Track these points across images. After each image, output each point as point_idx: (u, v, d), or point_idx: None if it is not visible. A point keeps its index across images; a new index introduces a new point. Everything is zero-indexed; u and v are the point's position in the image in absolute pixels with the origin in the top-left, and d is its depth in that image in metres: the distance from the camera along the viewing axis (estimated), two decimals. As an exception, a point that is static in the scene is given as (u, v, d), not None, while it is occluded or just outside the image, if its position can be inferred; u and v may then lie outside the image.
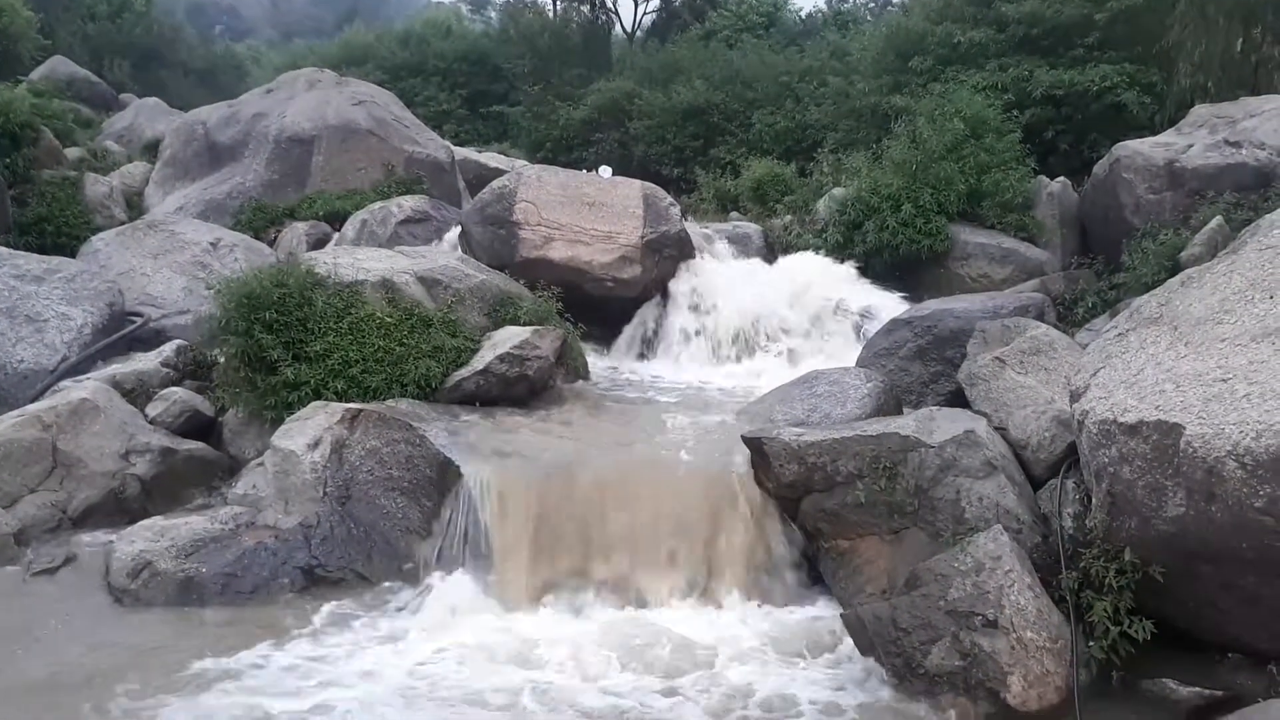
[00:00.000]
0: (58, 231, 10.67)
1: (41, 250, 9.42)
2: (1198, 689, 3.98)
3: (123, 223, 10.93)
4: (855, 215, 10.49)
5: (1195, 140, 8.94)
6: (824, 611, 5.03)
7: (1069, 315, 8.38)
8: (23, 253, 8.56)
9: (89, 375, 7.36)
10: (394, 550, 5.46)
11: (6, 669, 4.34)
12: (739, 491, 5.39)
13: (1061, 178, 10.89)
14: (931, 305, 7.59)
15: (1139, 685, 4.09)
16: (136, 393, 6.96)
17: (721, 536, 5.28)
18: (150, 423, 6.65)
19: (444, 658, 4.53)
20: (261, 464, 6.03)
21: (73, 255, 9.39)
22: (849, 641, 4.52)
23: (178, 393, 6.94)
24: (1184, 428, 3.85)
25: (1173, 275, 5.28)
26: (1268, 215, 5.38)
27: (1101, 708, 3.98)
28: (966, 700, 4.04)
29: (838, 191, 11.22)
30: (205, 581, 5.14)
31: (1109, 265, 8.94)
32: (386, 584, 5.31)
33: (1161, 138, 9.37)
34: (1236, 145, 8.63)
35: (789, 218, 11.77)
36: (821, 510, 5.23)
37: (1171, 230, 7.93)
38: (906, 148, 10.79)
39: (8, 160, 10.72)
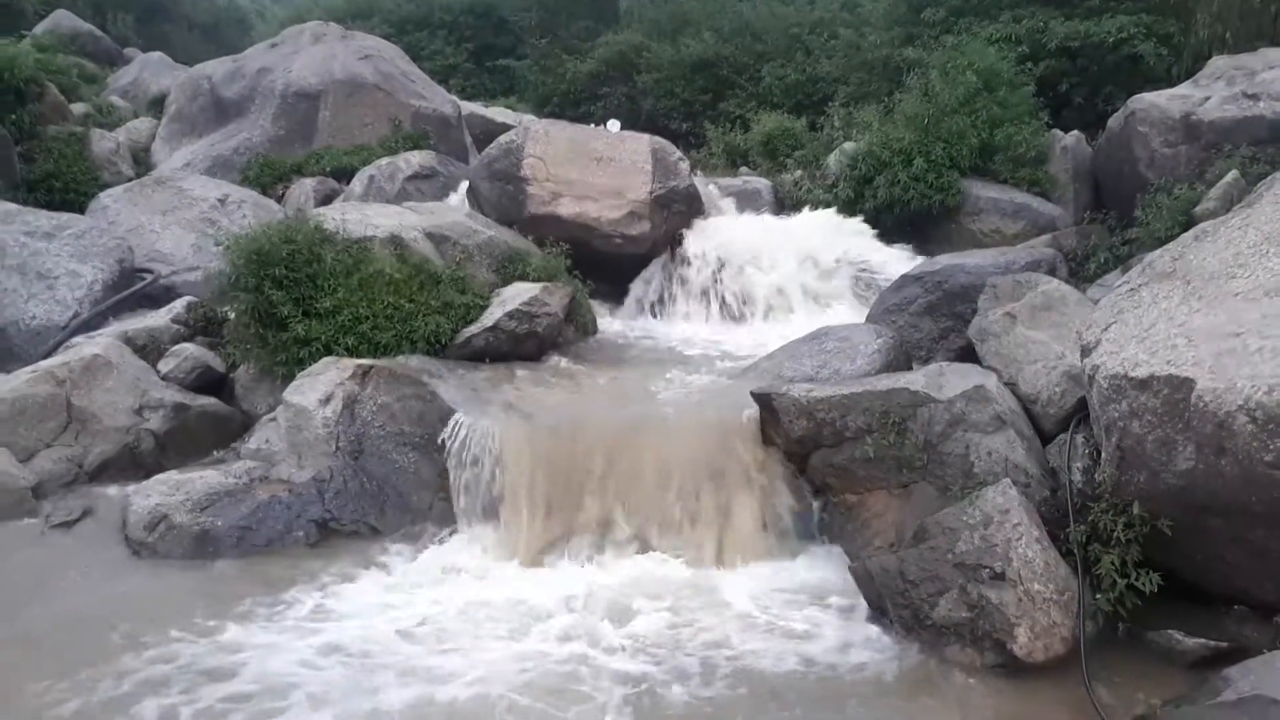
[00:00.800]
0: (65, 188, 10.65)
1: (50, 207, 9.41)
2: (1203, 640, 4.01)
3: (130, 179, 10.90)
4: (866, 170, 10.39)
5: (1212, 93, 8.81)
6: (831, 565, 5.07)
7: (1081, 271, 8.32)
8: (32, 209, 8.56)
9: (101, 331, 7.39)
10: (407, 504, 5.52)
11: (29, 617, 4.42)
12: (747, 447, 5.42)
13: (1075, 131, 10.75)
14: (942, 261, 7.54)
15: (1144, 637, 4.13)
16: (148, 349, 7.00)
17: (729, 491, 5.32)
18: (162, 379, 6.70)
19: (453, 607, 4.59)
20: (274, 419, 6.07)
21: (81, 212, 9.39)
22: (856, 593, 4.58)
23: (189, 349, 6.97)
24: (1195, 382, 3.84)
25: (1187, 230, 5.24)
26: (1285, 168, 5.32)
27: (1107, 658, 4.03)
28: (973, 651, 4.09)
29: (848, 146, 11.11)
30: (220, 534, 5.21)
31: (1122, 220, 8.86)
32: (400, 536, 5.38)
33: (1178, 90, 9.23)
34: (1254, 98, 8.50)
35: (799, 173, 11.67)
36: (830, 465, 5.25)
37: (1186, 184, 7.84)
38: (918, 101, 10.66)
39: (13, 116, 10.66)
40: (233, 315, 7.04)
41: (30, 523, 5.45)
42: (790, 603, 4.68)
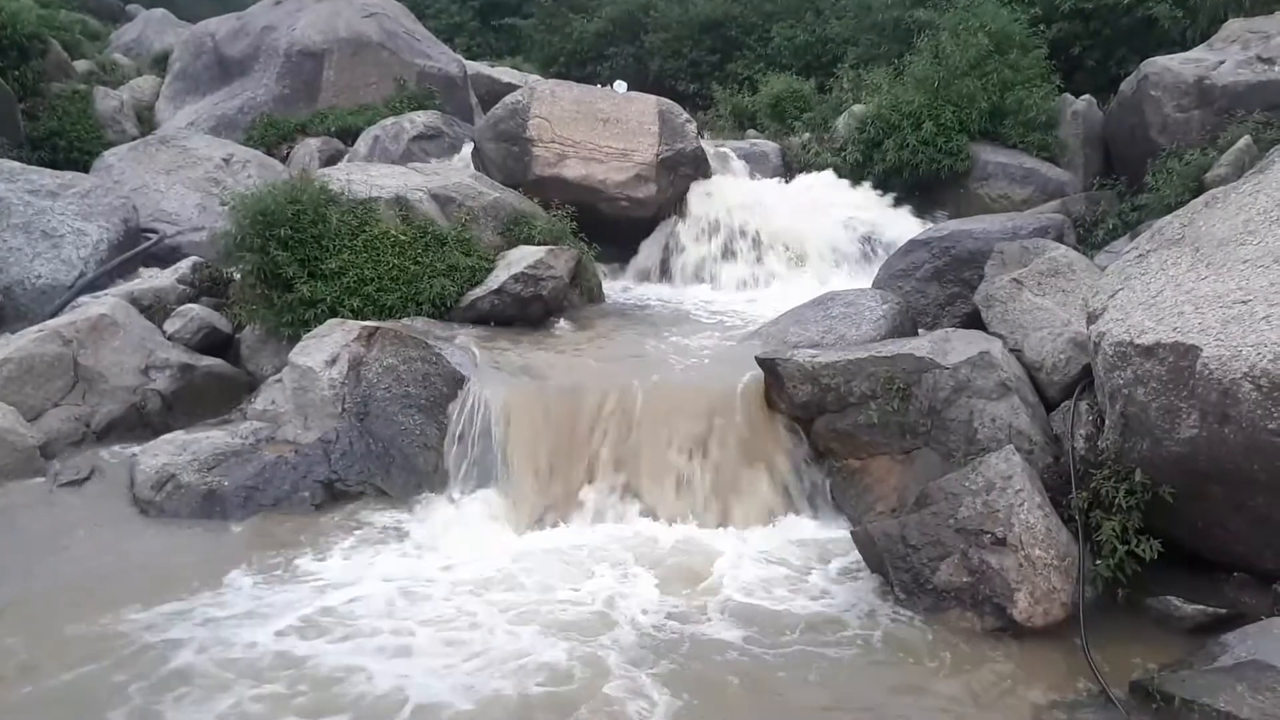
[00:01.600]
0: (70, 146, 10.61)
1: (54, 165, 9.38)
2: (1201, 606, 4.04)
3: (134, 138, 10.86)
4: (875, 133, 10.31)
5: (1227, 57, 8.70)
6: (833, 529, 5.10)
7: (1089, 237, 8.27)
8: (36, 168, 8.53)
9: (106, 291, 7.40)
10: (412, 465, 5.55)
11: (40, 575, 4.47)
12: (750, 411, 5.43)
13: (1087, 96, 10.64)
14: (950, 226, 7.51)
15: (1143, 603, 4.16)
16: (154, 309, 7.01)
17: (732, 455, 5.34)
18: (168, 339, 6.71)
19: (460, 567, 4.63)
20: (280, 380, 6.09)
21: (85, 171, 9.36)
22: (857, 558, 4.61)
23: (195, 309, 6.98)
24: (1201, 350, 3.84)
25: (1197, 196, 5.19)
26: (1298, 135, 5.27)
27: (1106, 624, 4.06)
28: (973, 615, 4.12)
29: (857, 108, 11.01)
30: (227, 494, 5.25)
31: (1132, 186, 8.79)
32: (405, 498, 5.41)
33: (1192, 54, 9.11)
34: (1269, 62, 8.39)
35: (807, 135, 11.58)
36: (834, 430, 5.27)
37: (1198, 150, 7.76)
38: (928, 63, 10.54)
39: (16, 73, 10.59)
40: (238, 276, 7.05)
41: (38, 481, 5.50)
42: (791, 566, 4.72)
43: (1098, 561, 4.19)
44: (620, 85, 11.60)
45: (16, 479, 5.48)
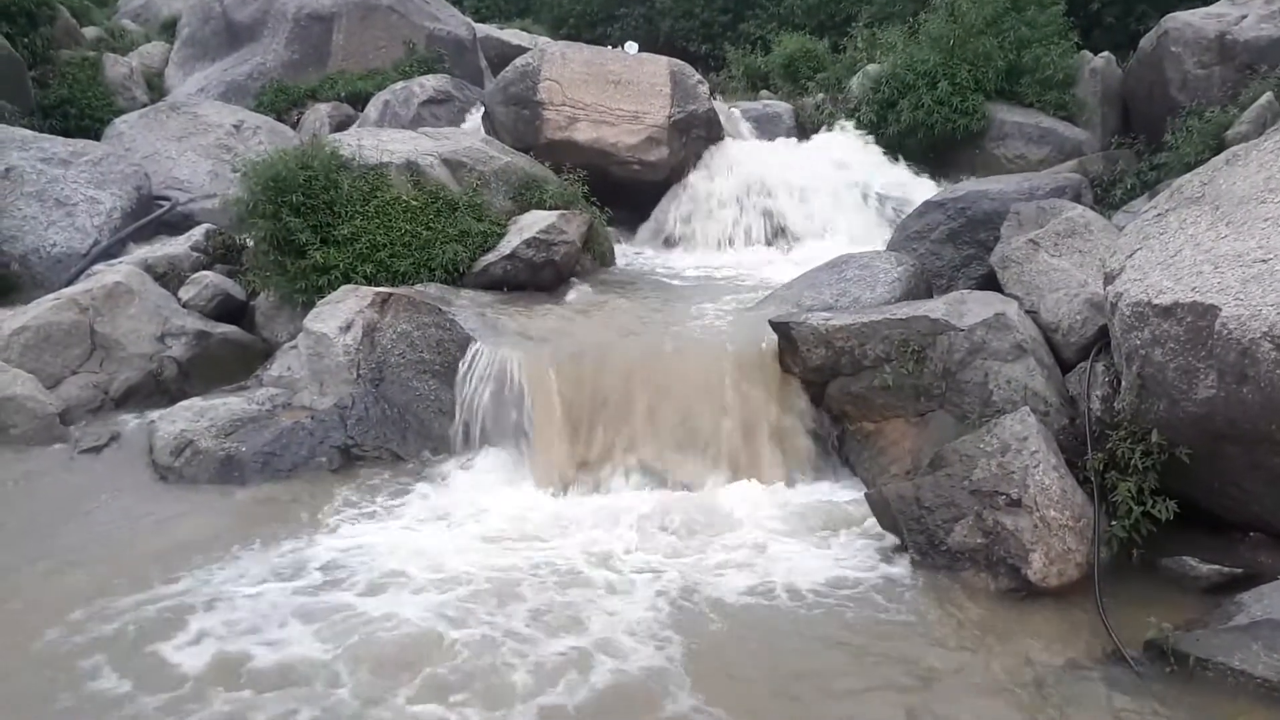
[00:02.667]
0: (80, 114, 10.60)
1: (65, 133, 9.38)
2: (1217, 566, 4.04)
3: (144, 105, 10.84)
4: (889, 93, 10.19)
5: (1249, 10, 8.54)
6: (847, 491, 5.12)
7: (1107, 197, 8.18)
8: (48, 136, 8.53)
9: (121, 259, 7.43)
10: (428, 430, 5.58)
11: (64, 537, 4.54)
12: (764, 375, 5.43)
13: (1105, 53, 10.48)
14: (966, 187, 7.43)
15: (1158, 563, 4.16)
16: (168, 276, 7.04)
17: (746, 419, 5.34)
18: (183, 306, 6.75)
19: (478, 531, 4.67)
20: (295, 347, 6.12)
21: (96, 138, 9.36)
22: (872, 520, 4.62)
23: (209, 276, 7.00)
24: (1220, 309, 3.80)
25: (1217, 154, 5.12)
26: (1322, 90, 5.18)
27: (1120, 584, 4.07)
28: (987, 576, 4.14)
29: (872, 68, 10.88)
30: (245, 459, 5.30)
31: (1151, 145, 8.68)
32: (422, 462, 5.46)
33: (1214, 8, 8.95)
34: (1293, 16, 8.24)
35: (821, 96, 11.46)
36: (848, 393, 5.26)
37: (1218, 107, 7.65)
38: (944, 21, 10.38)
39: (25, 40, 10.56)
40: (251, 243, 7.05)
41: (59, 448, 5.56)
42: (806, 528, 4.74)
43: (1113, 523, 4.19)
44: (631, 46, 11.47)
45: (37, 445, 5.55)
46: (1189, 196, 4.60)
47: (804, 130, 10.80)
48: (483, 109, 9.84)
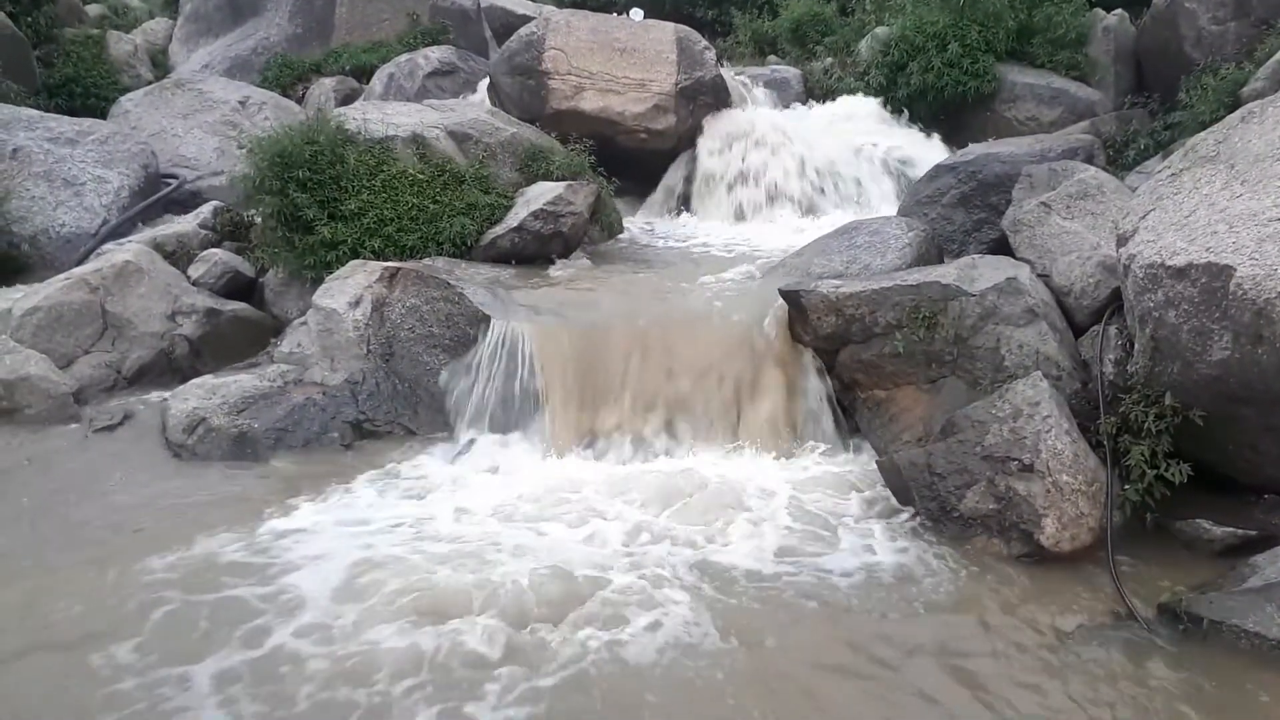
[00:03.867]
0: (86, 93, 10.59)
1: (71, 112, 9.38)
2: (1231, 529, 4.03)
3: (149, 82, 10.82)
4: (899, 56, 10.06)
5: (1266, -36, 8.36)
6: (859, 458, 5.12)
7: (1119, 158, 8.09)
8: (54, 115, 8.53)
9: (130, 238, 7.44)
10: (439, 404, 5.59)
11: (81, 515, 4.58)
12: (774, 343, 5.41)
13: (1118, 10, 10.30)
14: (976, 150, 7.35)
15: (1172, 527, 4.15)
16: (178, 255, 7.05)
17: (757, 388, 5.34)
18: (193, 284, 6.76)
19: (488, 501, 4.69)
20: (305, 323, 6.13)
21: (102, 117, 9.35)
22: (884, 487, 4.62)
23: (218, 254, 7.01)
24: (1234, 269, 3.76)
25: (1232, 112, 5.03)
26: (1340, 44, 5.08)
27: (1134, 548, 4.07)
28: (1000, 541, 4.14)
29: (880, 31, 10.74)
30: (258, 436, 5.32)
31: (1164, 104, 8.56)
32: (434, 436, 5.47)
33: (1230, -38, 8.76)
34: (1311, -32, 8.06)
35: (829, 60, 11.34)
36: (859, 361, 5.24)
37: (1234, 64, 7.52)
38: (953, -19, 10.22)
39: (29, 19, 10.53)
40: (259, 219, 7.05)
41: (73, 427, 5.60)
42: (817, 495, 4.74)
43: (1126, 486, 4.18)
44: (637, 13, 11.36)
45: (52, 425, 5.59)
46: (1203, 155, 4.53)
47: (813, 94, 10.69)
48: (488, 80, 9.78)
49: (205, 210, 7.58)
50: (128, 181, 8.06)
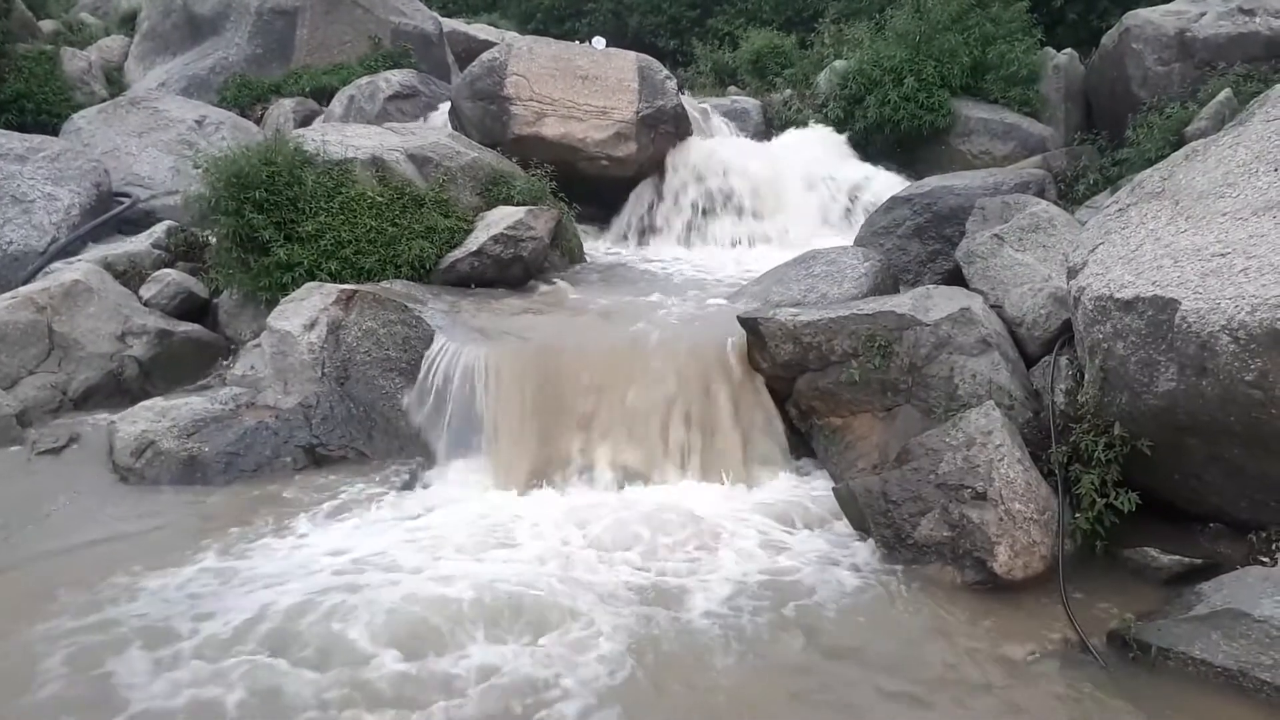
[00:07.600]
0: (38, 109, 10.40)
1: (21, 129, 9.19)
2: (1178, 557, 4.10)
3: (103, 99, 10.64)
4: (856, 89, 10.24)
5: (1208, 8, 8.67)
6: (815, 486, 5.13)
7: (1070, 193, 8.28)
8: (3, 131, 8.36)
9: (80, 257, 7.30)
10: (394, 429, 5.53)
11: (23, 543, 4.45)
12: (733, 371, 5.43)
13: (1069, 50, 10.62)
14: (931, 182, 7.49)
15: (1121, 555, 4.21)
16: (129, 274, 6.92)
17: (715, 415, 5.34)
18: (145, 305, 6.65)
19: (440, 530, 4.62)
20: (258, 345, 6.04)
21: (54, 134, 9.18)
22: (840, 514, 4.64)
23: (171, 274, 6.90)
24: (1180, 303, 3.85)
25: (1177, 150, 5.18)
26: (1277, 86, 5.26)
27: (1085, 576, 4.11)
28: (954, 569, 4.16)
29: (839, 64, 10.93)
30: (208, 460, 5.22)
31: (1113, 141, 8.79)
32: (388, 461, 5.40)
33: (1173, 5, 9.08)
34: (1250, 13, 8.37)
35: (789, 92, 11.50)
36: (816, 389, 5.28)
37: (1178, 103, 7.77)
38: (910, 18, 10.46)
39: (-20, 34, 10.35)
40: (214, 240, 6.96)
41: (16, 450, 5.45)
42: (773, 523, 4.74)
43: (1077, 515, 4.24)
44: (599, 41, 11.46)
45: (-7, 447, 5.44)
46: (1150, 191, 4.66)
47: (771, 125, 10.83)
48: (449, 104, 9.77)
49: (159, 230, 7.46)
50: (79, 199, 7.90)
